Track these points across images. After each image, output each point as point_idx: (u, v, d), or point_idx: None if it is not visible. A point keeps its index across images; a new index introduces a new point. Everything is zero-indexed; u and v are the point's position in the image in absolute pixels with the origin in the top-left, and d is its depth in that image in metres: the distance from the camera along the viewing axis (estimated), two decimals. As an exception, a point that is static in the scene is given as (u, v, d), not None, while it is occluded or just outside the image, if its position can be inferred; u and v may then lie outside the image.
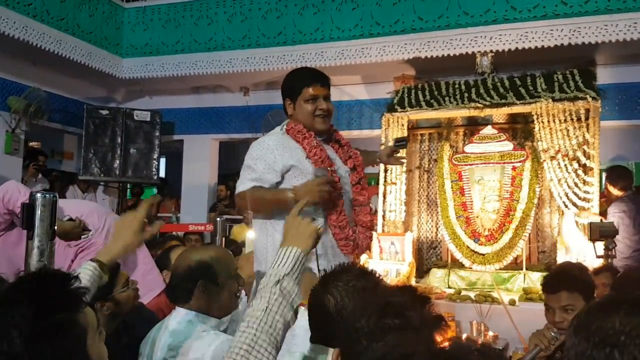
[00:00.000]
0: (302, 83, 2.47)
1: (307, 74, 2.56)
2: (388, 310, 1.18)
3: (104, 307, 2.14)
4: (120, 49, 6.95)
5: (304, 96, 2.45)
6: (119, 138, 7.05)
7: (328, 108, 2.48)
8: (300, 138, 2.44)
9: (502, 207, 5.08)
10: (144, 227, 1.70)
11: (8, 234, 2.59)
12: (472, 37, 5.41)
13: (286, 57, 6.18)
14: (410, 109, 5.38)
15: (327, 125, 2.50)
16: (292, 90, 2.50)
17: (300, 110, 2.47)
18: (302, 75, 2.53)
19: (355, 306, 1.31)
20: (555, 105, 4.93)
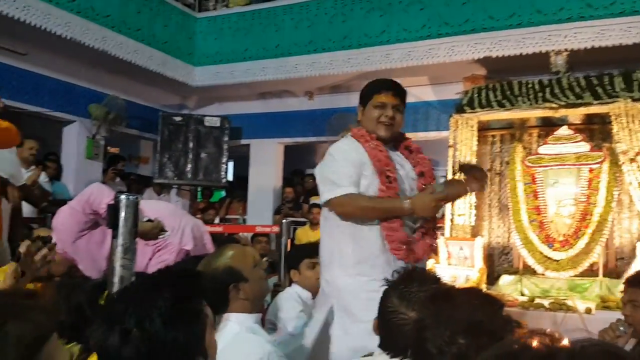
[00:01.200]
0: (374, 89, 2.45)
1: (383, 81, 2.53)
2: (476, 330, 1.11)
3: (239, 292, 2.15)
4: (193, 57, 7.10)
5: (373, 102, 2.42)
6: (191, 143, 7.21)
7: (394, 117, 2.41)
8: (363, 141, 2.41)
9: (578, 211, 4.77)
10: None
11: (92, 233, 2.65)
12: (546, 35, 5.14)
13: (351, 61, 6.11)
14: (480, 110, 5.15)
15: (388, 134, 2.43)
16: (364, 95, 2.48)
17: (367, 115, 2.44)
18: (376, 83, 2.51)
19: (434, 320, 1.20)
20: (634, 105, 4.61)
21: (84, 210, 2.60)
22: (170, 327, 1.16)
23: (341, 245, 2.34)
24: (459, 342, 1.09)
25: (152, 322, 1.15)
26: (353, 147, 2.39)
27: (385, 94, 2.40)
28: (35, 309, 0.81)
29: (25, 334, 0.76)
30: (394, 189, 2.32)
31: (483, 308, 1.23)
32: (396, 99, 2.42)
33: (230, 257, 2.00)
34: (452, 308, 1.21)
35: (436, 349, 1.11)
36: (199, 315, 1.23)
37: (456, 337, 1.10)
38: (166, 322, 1.15)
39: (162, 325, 1.15)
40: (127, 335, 1.13)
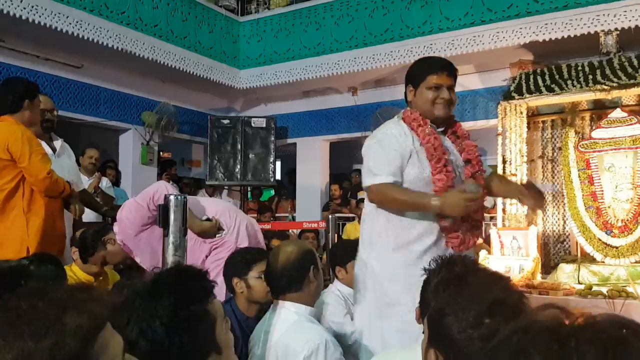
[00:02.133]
0: (427, 70, 2.28)
1: (435, 61, 2.36)
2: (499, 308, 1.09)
3: (238, 284, 2.31)
4: (238, 61, 7.20)
5: (428, 83, 2.26)
6: (239, 144, 7.32)
7: (451, 98, 2.29)
8: (415, 125, 2.28)
9: (636, 196, 4.52)
10: None
11: (154, 227, 2.71)
12: (594, 15, 4.90)
13: (394, 54, 6.03)
14: (529, 96, 4.96)
15: (447, 112, 2.30)
16: (415, 76, 2.31)
17: (421, 97, 2.28)
18: (429, 62, 2.35)
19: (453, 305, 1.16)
20: (691, 81, 4.32)
21: (149, 206, 2.66)
22: (174, 334, 1.13)
23: (383, 227, 2.27)
24: (485, 322, 1.06)
25: (155, 331, 1.12)
26: (401, 133, 2.27)
27: (440, 75, 2.26)
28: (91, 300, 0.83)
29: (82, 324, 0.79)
30: (452, 176, 2.21)
31: (497, 284, 1.22)
32: (450, 78, 2.29)
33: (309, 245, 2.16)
34: (467, 290, 1.19)
35: (462, 334, 1.08)
36: (202, 317, 1.19)
37: (482, 318, 1.07)
38: (169, 329, 1.13)
39: (165, 333, 1.12)
40: (132, 347, 1.09)
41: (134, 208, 2.73)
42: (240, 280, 2.38)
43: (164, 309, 1.14)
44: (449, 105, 2.30)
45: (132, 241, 2.74)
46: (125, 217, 2.74)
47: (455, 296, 1.17)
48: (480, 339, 1.05)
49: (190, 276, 1.25)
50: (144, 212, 2.69)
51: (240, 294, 2.39)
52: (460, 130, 2.42)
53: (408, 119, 2.30)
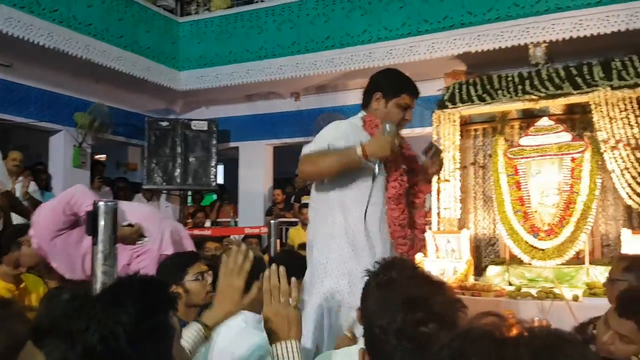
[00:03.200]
0: (404, 88, 2.42)
1: (410, 81, 2.49)
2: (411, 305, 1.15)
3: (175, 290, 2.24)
4: (177, 62, 7.15)
5: (400, 101, 2.40)
6: (179, 148, 7.26)
7: (408, 119, 2.46)
8: (371, 131, 2.38)
9: (561, 200, 4.87)
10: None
11: (69, 232, 2.67)
12: (524, 28, 5.24)
13: (335, 61, 6.19)
14: (462, 105, 5.24)
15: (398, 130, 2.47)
16: (389, 87, 2.42)
17: (389, 110, 2.41)
18: (405, 81, 2.47)
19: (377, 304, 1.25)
20: (614, 93, 4.71)
21: (64, 211, 2.62)
22: (137, 343, 1.10)
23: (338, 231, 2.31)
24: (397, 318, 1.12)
25: (117, 339, 1.09)
26: (355, 130, 2.36)
27: (412, 98, 2.42)
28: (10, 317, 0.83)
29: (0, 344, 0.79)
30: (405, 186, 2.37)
31: (421, 287, 1.26)
32: (414, 102, 2.46)
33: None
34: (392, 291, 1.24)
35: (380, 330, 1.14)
36: (166, 329, 1.17)
37: (396, 315, 1.13)
38: (132, 338, 1.09)
39: (128, 342, 1.09)
40: (90, 353, 1.07)
41: (49, 211, 2.68)
42: (176, 287, 2.37)
43: (128, 317, 1.10)
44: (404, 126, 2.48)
45: (48, 245, 2.68)
46: (39, 221, 2.69)
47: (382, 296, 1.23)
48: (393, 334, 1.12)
49: (154, 286, 1.23)
50: (59, 216, 2.64)
51: (178, 300, 2.41)
52: (405, 143, 2.57)
53: (370, 124, 2.40)
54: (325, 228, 2.35)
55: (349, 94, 7.07)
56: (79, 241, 2.67)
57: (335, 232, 2.32)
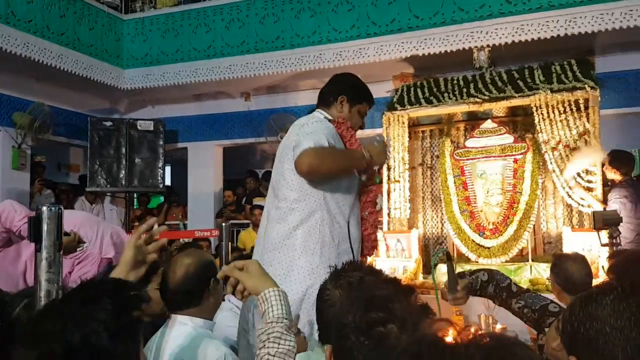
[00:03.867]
0: (368, 99, 2.62)
1: (370, 95, 2.66)
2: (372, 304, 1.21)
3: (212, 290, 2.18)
4: (121, 60, 7.02)
5: (362, 109, 2.59)
6: (124, 148, 7.12)
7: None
8: (348, 135, 2.46)
9: (505, 200, 5.09)
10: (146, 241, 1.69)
11: (6, 250, 2.62)
12: (468, 32, 5.43)
13: (285, 61, 6.23)
14: (410, 107, 5.39)
15: None
16: (356, 94, 2.56)
17: (352, 115, 2.56)
18: (368, 90, 2.65)
19: (342, 302, 1.32)
20: (554, 96, 4.92)
21: None
22: (117, 339, 1.12)
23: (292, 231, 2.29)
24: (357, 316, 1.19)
25: (99, 336, 1.10)
26: (332, 130, 2.40)
27: (370, 107, 2.64)
28: None
29: None
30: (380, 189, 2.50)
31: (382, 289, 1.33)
32: None
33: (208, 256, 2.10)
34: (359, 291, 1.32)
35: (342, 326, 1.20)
36: (140, 325, 1.19)
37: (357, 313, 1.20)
38: (113, 335, 1.11)
39: (109, 338, 1.11)
40: (71, 353, 1.08)
41: None
42: None
43: (107, 314, 1.12)
44: None
45: None
46: None
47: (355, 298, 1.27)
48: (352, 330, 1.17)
49: (125, 284, 1.27)
50: None
51: None
52: None
53: (343, 125, 2.47)
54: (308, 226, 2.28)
55: (299, 94, 7.15)
56: (16, 258, 2.61)
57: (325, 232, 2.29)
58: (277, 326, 1.44)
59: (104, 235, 2.86)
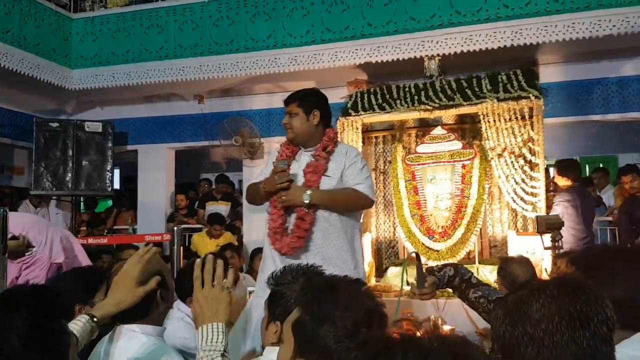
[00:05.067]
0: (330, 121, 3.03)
1: None
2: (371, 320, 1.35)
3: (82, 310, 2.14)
4: (69, 60, 6.95)
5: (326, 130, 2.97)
6: (71, 150, 7.04)
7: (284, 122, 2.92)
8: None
9: (453, 204, 5.36)
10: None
11: None
12: (420, 41, 5.67)
13: (239, 65, 6.32)
14: (363, 113, 5.59)
15: (289, 136, 2.92)
16: (328, 116, 3.01)
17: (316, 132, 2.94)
18: None
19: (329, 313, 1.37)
20: (500, 105, 5.20)
21: None
22: (31, 348, 1.10)
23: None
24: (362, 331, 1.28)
25: (10, 344, 1.09)
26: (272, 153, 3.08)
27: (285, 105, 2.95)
28: None
29: None
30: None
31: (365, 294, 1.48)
32: (289, 106, 2.92)
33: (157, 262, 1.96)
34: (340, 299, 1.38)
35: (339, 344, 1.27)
36: (61, 335, 1.18)
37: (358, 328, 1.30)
38: (26, 343, 1.10)
39: (22, 347, 1.09)
40: None
41: None
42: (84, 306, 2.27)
43: (22, 321, 1.11)
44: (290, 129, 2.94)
45: None
46: None
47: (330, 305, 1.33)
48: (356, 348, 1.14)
49: (47, 292, 1.24)
50: None
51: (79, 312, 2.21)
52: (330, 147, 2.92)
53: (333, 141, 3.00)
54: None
55: (254, 98, 7.26)
56: None
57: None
58: None
59: (53, 239, 2.85)
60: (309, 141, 2.89)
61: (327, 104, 2.99)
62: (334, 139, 2.93)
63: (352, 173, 2.84)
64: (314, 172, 2.81)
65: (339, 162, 2.85)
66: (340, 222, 2.81)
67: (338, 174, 2.84)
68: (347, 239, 2.83)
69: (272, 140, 7.10)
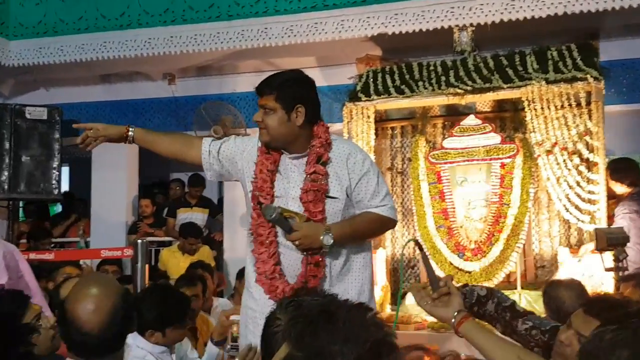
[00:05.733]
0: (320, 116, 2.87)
1: None
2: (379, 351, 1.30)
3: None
4: (6, 29, 6.94)
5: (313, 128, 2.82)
6: (7, 143, 7.01)
7: (262, 120, 2.74)
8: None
9: (490, 214, 5.34)
10: None
11: None
12: (448, 7, 5.62)
13: (220, 36, 6.29)
14: (377, 97, 5.57)
15: (264, 140, 2.76)
16: (315, 112, 2.83)
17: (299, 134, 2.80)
18: None
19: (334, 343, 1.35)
20: (549, 88, 5.18)
21: None
22: None
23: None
24: None
25: None
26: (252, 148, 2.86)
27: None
28: None
29: None
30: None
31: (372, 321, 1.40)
32: (263, 98, 2.72)
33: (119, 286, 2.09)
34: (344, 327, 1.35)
35: None
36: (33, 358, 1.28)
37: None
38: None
39: None
40: None
41: None
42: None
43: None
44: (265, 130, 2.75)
45: None
46: None
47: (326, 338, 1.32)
48: None
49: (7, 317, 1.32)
50: None
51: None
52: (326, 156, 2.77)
53: None
54: None
55: (238, 78, 7.23)
56: None
57: None
58: None
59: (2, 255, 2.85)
60: (292, 145, 2.75)
61: (314, 92, 2.81)
62: (327, 140, 2.76)
63: (367, 191, 2.76)
64: (316, 200, 2.70)
65: (341, 174, 2.74)
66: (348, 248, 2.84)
67: (343, 191, 2.74)
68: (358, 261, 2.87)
69: (260, 131, 7.07)
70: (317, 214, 2.68)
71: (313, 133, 2.75)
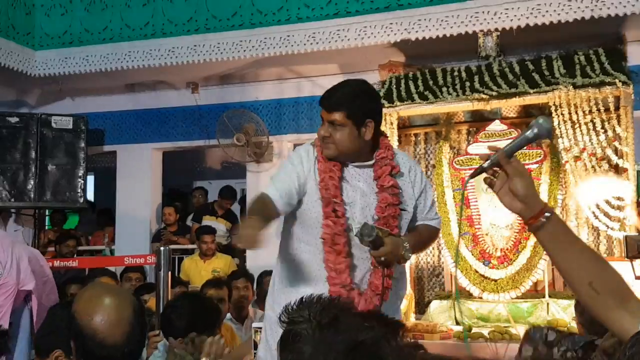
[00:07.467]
0: None
1: None
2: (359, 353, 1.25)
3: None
4: (32, 39, 7.01)
5: None
6: (33, 152, 7.08)
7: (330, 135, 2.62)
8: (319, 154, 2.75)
9: (516, 221, 5.25)
10: None
11: None
12: (473, 12, 5.59)
13: (243, 44, 6.31)
14: (400, 104, 5.55)
15: (328, 154, 2.65)
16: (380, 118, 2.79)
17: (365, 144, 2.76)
18: None
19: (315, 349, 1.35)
20: (577, 93, 5.14)
21: None
22: None
23: (277, 269, 2.79)
24: None
25: None
26: (308, 157, 2.71)
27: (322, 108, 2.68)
28: None
29: None
30: (341, 226, 2.59)
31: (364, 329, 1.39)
32: (331, 114, 2.60)
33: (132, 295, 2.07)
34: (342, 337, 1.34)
35: None
36: None
37: None
38: None
39: None
40: None
41: None
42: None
43: None
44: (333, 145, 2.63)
45: None
46: None
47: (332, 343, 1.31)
48: None
49: None
50: None
51: None
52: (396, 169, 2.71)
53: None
54: None
55: (261, 86, 7.24)
56: None
57: None
58: None
59: (20, 261, 2.84)
60: (358, 156, 2.71)
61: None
62: (392, 152, 2.74)
63: (426, 204, 2.81)
64: (395, 215, 2.68)
65: (406, 186, 2.74)
66: None
67: (412, 204, 2.75)
68: None
69: (283, 138, 7.05)
70: (395, 228, 2.66)
71: (379, 144, 2.72)
